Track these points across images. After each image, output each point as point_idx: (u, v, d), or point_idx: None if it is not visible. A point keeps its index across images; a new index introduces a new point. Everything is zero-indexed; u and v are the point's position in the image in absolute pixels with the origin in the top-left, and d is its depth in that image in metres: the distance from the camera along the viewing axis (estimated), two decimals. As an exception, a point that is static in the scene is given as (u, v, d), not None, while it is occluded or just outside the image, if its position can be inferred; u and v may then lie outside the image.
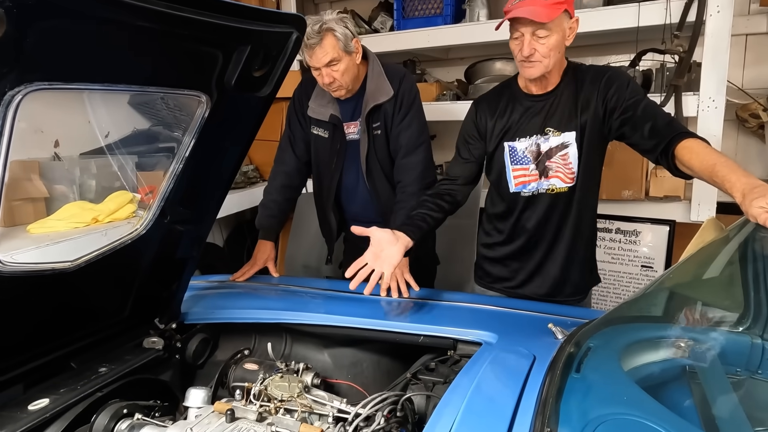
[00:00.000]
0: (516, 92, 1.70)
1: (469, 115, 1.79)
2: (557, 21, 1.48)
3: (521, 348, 1.20)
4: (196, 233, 1.48)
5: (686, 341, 1.16)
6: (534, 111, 1.65)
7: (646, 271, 2.70)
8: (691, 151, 1.34)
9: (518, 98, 1.69)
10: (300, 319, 1.54)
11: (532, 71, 1.55)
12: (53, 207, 2.00)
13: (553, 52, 1.51)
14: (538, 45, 1.50)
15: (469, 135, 1.76)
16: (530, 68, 1.55)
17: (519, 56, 1.54)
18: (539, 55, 1.51)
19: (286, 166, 2.15)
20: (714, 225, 1.20)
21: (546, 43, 1.49)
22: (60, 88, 0.89)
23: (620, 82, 1.57)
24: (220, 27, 1.03)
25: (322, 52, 1.80)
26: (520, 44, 1.52)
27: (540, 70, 1.55)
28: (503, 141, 1.68)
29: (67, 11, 0.79)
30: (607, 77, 1.58)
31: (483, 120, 1.72)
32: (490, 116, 1.70)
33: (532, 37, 1.49)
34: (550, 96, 1.64)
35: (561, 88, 1.63)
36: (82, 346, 1.34)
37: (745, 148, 2.92)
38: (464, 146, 1.78)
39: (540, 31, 1.48)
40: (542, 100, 1.65)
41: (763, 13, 2.74)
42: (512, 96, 1.70)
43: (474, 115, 1.76)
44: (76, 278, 1.22)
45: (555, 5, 1.45)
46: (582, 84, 1.61)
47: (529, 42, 1.50)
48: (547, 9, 1.44)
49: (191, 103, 1.18)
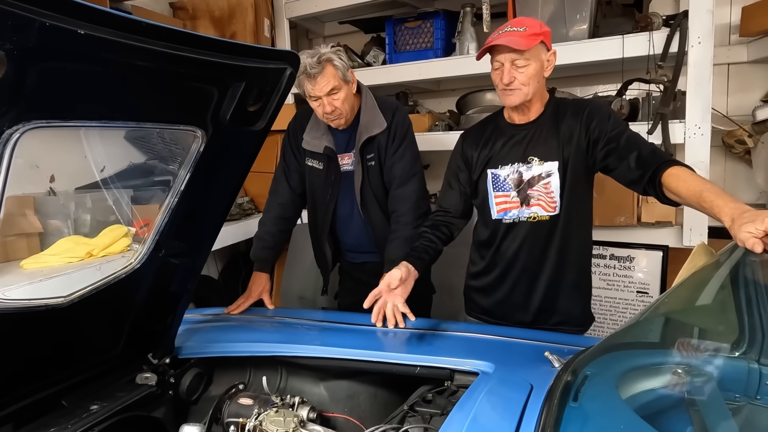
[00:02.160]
0: (500, 123, 1.76)
1: (456, 147, 1.85)
2: (534, 51, 1.57)
3: (518, 377, 1.19)
4: (191, 266, 1.48)
5: (683, 368, 1.16)
6: (517, 139, 1.70)
7: (642, 296, 2.70)
8: (677, 178, 1.36)
9: (502, 128, 1.75)
10: (295, 352, 1.52)
11: (512, 98, 1.62)
12: (47, 242, 1.99)
13: (531, 81, 1.59)
14: (516, 73, 1.58)
15: (457, 165, 1.82)
16: (510, 95, 1.62)
17: (500, 85, 1.62)
18: (518, 82, 1.58)
19: (280, 198, 2.16)
20: (704, 250, 1.21)
21: (525, 71, 1.57)
22: (58, 125, 0.91)
23: (601, 114, 1.62)
24: (216, 64, 1.06)
25: (324, 81, 1.85)
26: (500, 73, 1.60)
27: (519, 97, 1.61)
28: (487, 168, 1.73)
29: (66, 53, 0.82)
30: (589, 110, 1.63)
31: (469, 150, 1.78)
32: (475, 147, 1.76)
33: (512, 66, 1.58)
34: (532, 126, 1.69)
35: (543, 119, 1.68)
36: (74, 383, 1.32)
37: (733, 174, 2.96)
38: (453, 177, 1.83)
39: (519, 60, 1.56)
40: (525, 129, 1.70)
41: (742, 44, 2.82)
42: (496, 127, 1.77)
43: (461, 146, 1.83)
44: (69, 314, 1.21)
45: (532, 36, 1.55)
46: (564, 116, 1.66)
47: (508, 70, 1.58)
48: (525, 39, 1.53)
49: (187, 137, 1.20)
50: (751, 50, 2.79)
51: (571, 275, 1.71)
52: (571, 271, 1.71)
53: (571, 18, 2.61)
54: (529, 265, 1.71)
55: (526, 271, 1.72)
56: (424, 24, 3.10)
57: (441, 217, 1.82)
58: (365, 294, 2.15)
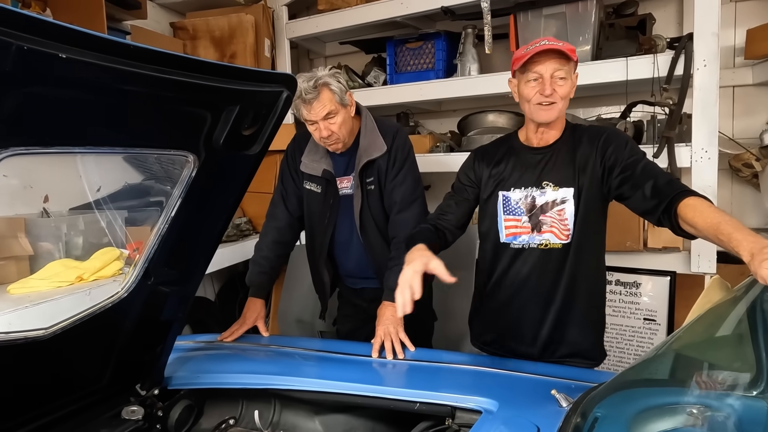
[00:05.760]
0: (515, 144, 1.71)
1: (467, 162, 1.79)
2: (572, 67, 1.53)
3: (523, 418, 1.13)
4: (183, 294, 1.42)
5: (700, 408, 1.10)
6: (531, 163, 1.64)
7: (649, 324, 2.62)
8: (694, 209, 1.30)
9: (516, 150, 1.69)
10: (290, 385, 1.46)
11: (550, 113, 1.54)
12: (38, 265, 1.93)
13: (565, 99, 1.55)
14: (556, 86, 1.51)
15: (467, 179, 1.76)
16: (548, 110, 1.54)
17: (537, 98, 1.53)
18: (557, 95, 1.52)
19: (277, 222, 2.11)
20: (720, 285, 1.15)
21: (563, 85, 1.52)
22: (39, 152, 0.87)
23: (618, 141, 1.56)
24: (208, 88, 1.02)
25: (320, 105, 1.81)
26: (538, 85, 1.52)
27: (555, 113, 1.55)
28: (498, 190, 1.67)
29: (47, 78, 0.77)
30: (606, 137, 1.58)
31: (480, 167, 1.73)
32: (487, 165, 1.71)
33: (551, 78, 1.51)
34: (548, 150, 1.64)
35: (559, 144, 1.63)
36: (56, 419, 1.25)
37: (740, 198, 2.91)
38: (460, 187, 1.77)
39: (559, 71, 1.50)
40: (540, 153, 1.64)
41: (747, 66, 2.80)
42: (511, 147, 1.71)
43: (472, 162, 1.76)
44: (51, 346, 1.15)
45: (572, 51, 1.50)
46: (580, 142, 1.60)
47: (549, 82, 1.50)
48: (569, 50, 1.49)
49: (182, 160, 1.16)
50: (756, 73, 2.76)
51: (581, 306, 1.64)
52: (581, 302, 1.64)
53: (574, 40, 2.60)
54: (538, 293, 1.64)
55: (535, 300, 1.65)
56: (425, 45, 3.09)
57: (439, 221, 1.72)
58: (364, 320, 2.10)
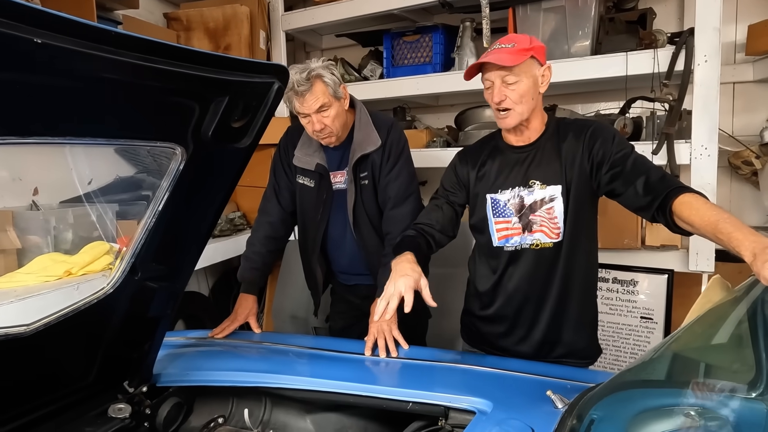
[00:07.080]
0: (499, 144, 1.68)
1: (451, 165, 1.76)
2: (524, 67, 1.50)
3: (518, 420, 1.10)
4: (171, 290, 1.39)
5: (698, 410, 1.07)
6: (516, 162, 1.61)
7: (646, 322, 2.60)
8: (690, 206, 1.28)
9: (500, 150, 1.66)
10: (281, 383, 1.43)
11: (508, 121, 1.55)
12: (25, 259, 1.90)
13: (524, 99, 1.52)
14: (508, 91, 1.51)
15: (450, 183, 1.72)
16: (505, 118, 1.55)
17: (493, 105, 1.56)
18: (510, 101, 1.51)
19: (270, 217, 2.08)
20: (720, 284, 1.12)
21: (516, 89, 1.50)
22: (15, 143, 0.83)
23: (605, 135, 1.53)
24: (196, 78, 0.98)
25: (313, 98, 1.77)
26: (491, 92, 1.54)
27: (515, 119, 1.54)
28: (485, 193, 1.64)
29: (20, 64, 0.74)
30: (591, 131, 1.55)
31: (464, 170, 1.70)
32: (472, 167, 1.68)
33: (502, 84, 1.51)
34: (532, 148, 1.61)
35: (543, 140, 1.60)
36: (39, 417, 1.22)
37: (739, 196, 2.89)
38: (444, 193, 1.73)
39: (508, 77, 1.49)
40: (524, 152, 1.61)
41: (748, 62, 2.77)
42: (495, 147, 1.68)
43: (456, 165, 1.74)
44: (34, 343, 1.12)
45: (520, 51, 1.48)
46: (565, 137, 1.57)
47: (499, 88, 1.51)
48: (512, 55, 1.47)
49: (170, 152, 1.12)
50: (758, 69, 2.73)
51: (575, 305, 1.61)
52: (575, 300, 1.61)
53: (573, 34, 2.56)
54: (532, 294, 1.61)
55: (529, 301, 1.62)
56: (422, 38, 3.05)
57: (425, 227, 1.67)
58: (357, 317, 2.07)
